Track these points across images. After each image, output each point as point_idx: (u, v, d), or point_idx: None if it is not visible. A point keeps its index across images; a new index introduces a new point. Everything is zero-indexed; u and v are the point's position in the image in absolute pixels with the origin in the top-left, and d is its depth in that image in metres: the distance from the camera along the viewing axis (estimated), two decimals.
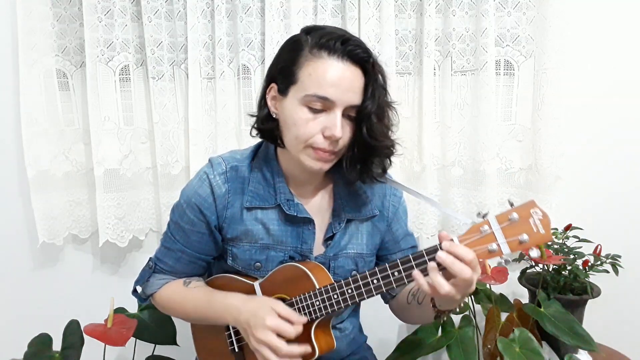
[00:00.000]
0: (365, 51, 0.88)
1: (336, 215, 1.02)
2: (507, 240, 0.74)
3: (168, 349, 1.39)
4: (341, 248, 1.02)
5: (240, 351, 1.03)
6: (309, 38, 0.89)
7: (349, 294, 0.89)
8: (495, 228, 0.75)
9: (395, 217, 1.08)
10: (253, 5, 1.49)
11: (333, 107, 0.87)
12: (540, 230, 0.73)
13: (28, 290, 1.67)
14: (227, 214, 0.98)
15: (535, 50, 1.49)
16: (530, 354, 1.15)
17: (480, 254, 0.76)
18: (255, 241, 0.99)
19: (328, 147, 0.89)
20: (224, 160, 0.99)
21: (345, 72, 0.86)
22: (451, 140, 1.54)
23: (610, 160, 1.55)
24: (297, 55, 0.88)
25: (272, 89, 0.93)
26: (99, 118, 1.50)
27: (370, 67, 0.88)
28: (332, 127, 0.86)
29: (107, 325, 1.20)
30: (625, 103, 1.52)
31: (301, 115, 0.88)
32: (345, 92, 0.86)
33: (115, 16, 1.47)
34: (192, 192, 0.98)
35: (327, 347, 0.95)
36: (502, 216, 0.75)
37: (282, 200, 0.97)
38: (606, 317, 1.51)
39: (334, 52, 0.86)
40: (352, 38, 0.88)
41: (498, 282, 1.24)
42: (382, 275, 0.86)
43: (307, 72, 0.87)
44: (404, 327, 1.70)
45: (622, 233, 1.55)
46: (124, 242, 1.58)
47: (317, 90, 0.86)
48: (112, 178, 1.54)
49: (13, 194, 1.60)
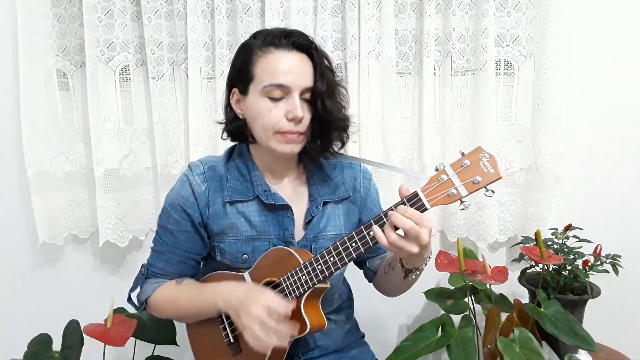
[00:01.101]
0: (307, 39, 0.98)
1: (313, 200, 1.08)
2: (462, 183, 0.83)
3: (168, 349, 1.39)
4: (320, 230, 1.07)
5: (235, 342, 1.04)
6: (256, 40, 0.99)
7: (331, 261, 0.93)
8: (451, 174, 0.84)
9: (368, 196, 1.15)
10: (253, 5, 1.49)
11: (290, 92, 0.96)
12: (490, 170, 0.82)
13: (28, 290, 1.67)
14: (209, 211, 1.03)
15: (535, 50, 1.49)
16: (530, 354, 1.15)
17: (442, 199, 0.84)
18: (240, 234, 1.04)
19: (294, 129, 0.97)
20: (201, 162, 1.07)
21: (294, 59, 0.96)
22: (451, 140, 1.54)
23: (610, 160, 1.55)
24: (250, 56, 0.98)
25: (235, 93, 1.03)
26: (99, 118, 1.50)
27: (315, 52, 0.99)
28: (293, 109, 0.95)
29: (107, 325, 1.20)
30: (625, 103, 1.52)
31: (263, 105, 0.96)
32: (298, 77, 0.96)
33: (115, 16, 1.47)
34: (175, 195, 1.05)
35: (318, 323, 0.98)
36: (456, 164, 0.84)
37: (260, 191, 1.04)
38: (606, 317, 1.51)
39: (279, 45, 0.96)
40: (293, 31, 0.98)
41: (498, 282, 1.24)
42: (359, 237, 0.91)
43: (261, 67, 0.96)
44: (404, 327, 1.71)
45: (622, 233, 1.55)
46: (124, 242, 1.58)
47: (272, 80, 0.95)
48: (112, 178, 1.54)
49: (13, 194, 1.60)
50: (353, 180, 1.13)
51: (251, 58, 0.98)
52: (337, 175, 1.12)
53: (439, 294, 1.42)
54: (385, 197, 1.51)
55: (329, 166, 1.11)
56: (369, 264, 1.18)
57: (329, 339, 1.13)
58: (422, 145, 1.53)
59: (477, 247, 1.59)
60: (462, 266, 1.27)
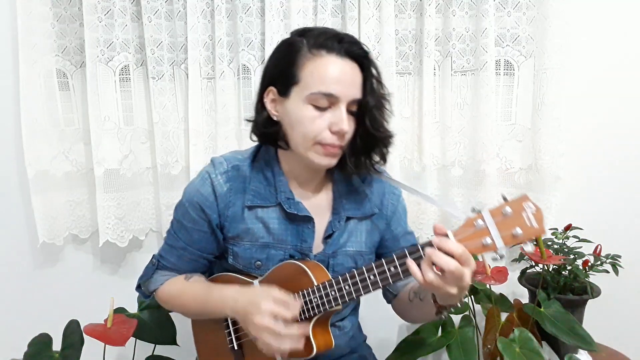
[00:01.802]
0: (361, 47, 0.92)
1: (336, 214, 1.03)
2: (500, 234, 0.75)
3: (168, 349, 1.39)
4: (340, 246, 1.03)
5: (239, 349, 1.03)
6: (304, 39, 0.91)
7: (346, 290, 0.89)
8: (489, 222, 0.75)
9: (394, 215, 1.09)
10: (253, 5, 1.49)
11: (338, 103, 0.89)
12: (534, 224, 0.74)
13: (28, 290, 1.67)
14: (228, 213, 0.99)
15: (535, 50, 1.49)
16: (530, 354, 1.15)
17: (474, 248, 0.76)
18: (256, 240, 1.00)
19: (336, 142, 0.91)
20: (225, 160, 1.01)
21: (346, 67, 0.89)
22: (451, 140, 1.54)
23: (610, 160, 1.55)
24: (296, 57, 0.90)
25: (271, 92, 0.95)
26: (99, 118, 1.50)
27: (367, 62, 0.92)
28: (340, 122, 0.89)
29: (107, 325, 1.20)
30: (625, 103, 1.52)
31: (307, 113, 0.90)
32: (348, 87, 0.89)
33: (115, 16, 1.47)
34: (194, 191, 1.00)
35: (325, 346, 0.96)
36: (496, 210, 0.76)
37: (283, 198, 0.99)
38: (606, 317, 1.51)
39: (332, 49, 0.89)
40: (346, 36, 0.91)
41: (498, 282, 1.24)
42: (378, 271, 0.86)
43: (309, 71, 0.89)
44: (404, 327, 1.70)
45: (622, 233, 1.55)
46: (124, 242, 1.58)
47: (322, 88, 0.88)
48: (112, 178, 1.54)
49: (13, 194, 1.60)
50: (381, 196, 1.07)
51: (298, 59, 0.90)
52: (365, 189, 1.05)
53: None
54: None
55: (357, 179, 1.05)
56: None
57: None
58: (422, 145, 1.53)
59: None
60: None
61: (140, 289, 1.12)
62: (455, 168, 1.55)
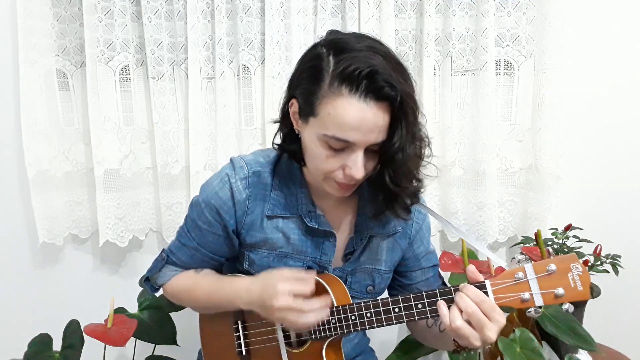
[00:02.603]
0: (393, 88, 0.76)
1: (358, 231, 0.98)
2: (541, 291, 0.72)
3: (168, 349, 1.39)
4: (360, 263, 1.00)
5: (247, 355, 1.02)
6: (332, 62, 0.78)
7: (367, 317, 0.87)
8: (530, 277, 0.72)
9: (418, 234, 1.04)
10: (253, 5, 1.49)
11: (354, 148, 0.80)
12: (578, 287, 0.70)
13: (28, 290, 1.67)
14: (246, 220, 0.95)
15: (535, 50, 1.49)
16: (530, 354, 1.15)
17: (512, 301, 0.73)
18: (275, 249, 0.97)
19: (349, 182, 0.85)
20: (246, 164, 0.95)
21: (368, 113, 0.77)
22: (451, 140, 1.54)
23: (610, 160, 1.55)
24: (317, 87, 0.79)
25: (293, 105, 0.87)
26: (99, 118, 1.50)
27: (398, 104, 0.77)
28: (353, 167, 0.81)
29: (107, 325, 1.20)
30: (625, 103, 1.52)
31: (320, 151, 0.82)
32: (367, 134, 0.78)
33: (115, 16, 1.47)
34: (212, 193, 0.95)
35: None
36: (540, 265, 0.72)
37: (304, 211, 0.95)
38: (606, 317, 1.51)
39: (356, 89, 0.76)
40: (379, 70, 0.76)
41: None
42: (404, 305, 0.83)
43: (327, 111, 0.78)
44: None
45: (622, 233, 1.55)
46: (124, 242, 1.58)
47: (337, 133, 0.79)
48: (112, 178, 1.54)
49: (13, 194, 1.60)
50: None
51: (318, 90, 0.79)
52: None
53: None
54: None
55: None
56: None
57: None
58: None
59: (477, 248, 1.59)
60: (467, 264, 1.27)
61: (148, 282, 1.09)
62: (455, 168, 1.55)
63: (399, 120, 0.78)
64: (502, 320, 0.72)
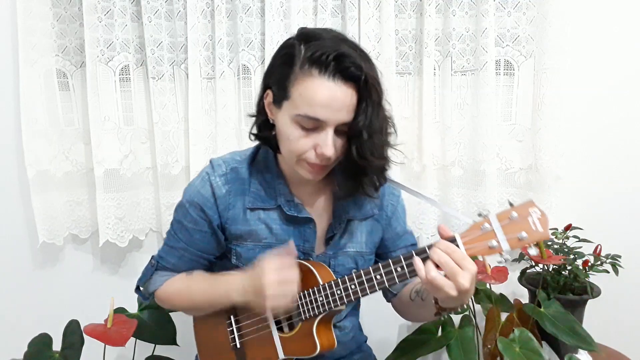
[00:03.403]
0: (359, 68, 0.84)
1: (336, 216, 1.03)
2: (506, 237, 0.77)
3: (168, 349, 1.39)
4: (341, 247, 1.04)
5: (241, 347, 1.03)
6: (302, 50, 0.86)
7: (352, 289, 0.90)
8: (495, 226, 0.78)
9: (394, 215, 1.10)
10: (253, 5, 1.49)
11: (324, 126, 0.87)
12: (539, 229, 0.76)
13: (28, 290, 1.67)
14: (228, 215, 1.00)
15: (535, 50, 1.49)
16: (530, 354, 1.15)
17: (480, 249, 0.79)
18: (259, 240, 1.01)
19: (320, 163, 0.90)
20: (224, 162, 1.01)
21: (337, 92, 0.84)
22: (451, 140, 1.54)
23: (610, 160, 1.55)
24: (290, 71, 0.86)
25: (268, 95, 0.93)
26: (99, 118, 1.50)
27: (363, 84, 0.85)
28: (324, 145, 0.87)
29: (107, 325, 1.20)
30: (625, 103, 1.52)
31: (293, 131, 0.88)
32: (336, 112, 0.85)
33: (115, 16, 1.47)
34: (195, 192, 1.00)
35: (328, 344, 0.97)
36: (502, 215, 0.78)
37: (282, 201, 0.99)
38: (606, 317, 1.51)
39: (324, 70, 0.83)
40: (345, 53, 0.83)
41: (498, 282, 1.24)
42: (385, 270, 0.87)
43: (298, 92, 0.85)
44: (404, 327, 1.70)
45: (622, 233, 1.55)
46: (124, 242, 1.58)
47: (308, 111, 0.85)
48: (112, 178, 1.54)
49: (13, 194, 1.60)
50: (381, 197, 1.07)
51: (291, 74, 0.86)
52: None
53: None
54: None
55: None
56: None
57: None
58: (422, 145, 1.53)
59: None
60: None
61: (139, 291, 1.11)
62: (455, 168, 1.55)
63: (365, 99, 0.85)
64: (473, 268, 0.77)
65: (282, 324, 1.02)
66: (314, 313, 0.94)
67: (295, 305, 0.93)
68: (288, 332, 1.00)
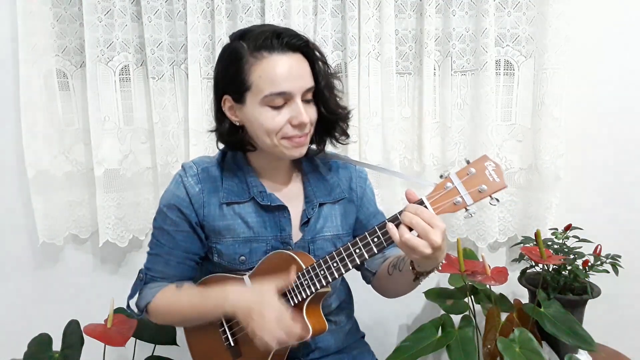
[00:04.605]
0: (299, 38, 0.93)
1: (309, 202, 1.07)
2: (468, 191, 0.82)
3: (168, 349, 1.40)
4: (317, 231, 1.07)
5: (235, 345, 1.04)
6: (244, 43, 0.93)
7: (334, 267, 0.93)
8: (456, 183, 0.83)
9: (364, 196, 1.14)
10: (253, 5, 1.49)
11: (292, 97, 0.92)
12: (496, 179, 0.81)
13: (28, 290, 1.67)
14: (204, 212, 1.02)
15: (535, 50, 1.49)
16: (530, 354, 1.15)
17: (447, 207, 0.83)
18: (237, 235, 1.03)
19: (300, 133, 0.95)
20: (195, 164, 1.05)
21: (290, 62, 0.92)
22: (451, 140, 1.54)
23: (610, 160, 1.55)
24: (241, 64, 0.92)
25: (227, 100, 0.98)
26: (99, 118, 1.50)
27: (307, 49, 0.94)
28: (298, 114, 0.92)
29: (107, 325, 1.20)
30: (625, 103, 1.52)
31: (265, 114, 0.93)
32: (297, 80, 0.92)
33: (115, 16, 1.47)
34: (170, 195, 1.04)
35: (319, 327, 0.98)
36: (461, 172, 0.83)
37: (255, 192, 1.03)
38: (606, 317, 1.51)
39: (272, 48, 0.91)
40: (282, 30, 0.93)
41: (498, 282, 1.24)
42: (363, 243, 0.90)
43: (257, 75, 0.91)
44: (404, 327, 1.71)
45: (622, 233, 1.55)
46: (124, 242, 1.58)
47: (272, 88, 0.90)
48: (112, 178, 1.54)
49: (13, 194, 1.60)
50: (349, 180, 1.12)
51: (243, 66, 0.92)
52: (333, 176, 1.11)
53: (439, 294, 1.42)
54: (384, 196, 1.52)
55: (324, 167, 1.11)
56: (367, 264, 1.14)
57: (330, 340, 1.12)
58: (422, 145, 1.53)
59: (477, 247, 1.59)
60: (462, 267, 1.27)
61: (130, 308, 1.10)
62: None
63: (315, 62, 0.96)
64: (442, 225, 0.82)
65: None
66: (302, 297, 0.96)
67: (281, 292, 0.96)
68: None
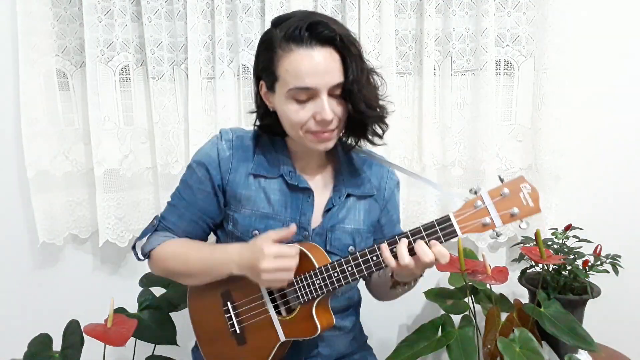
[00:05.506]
0: (330, 29, 0.89)
1: (337, 190, 1.06)
2: (499, 213, 0.79)
3: (168, 349, 1.39)
4: (339, 220, 1.05)
5: (241, 332, 1.04)
6: (278, 32, 0.92)
7: (349, 271, 0.92)
8: (487, 203, 0.80)
9: (390, 200, 1.14)
10: (253, 5, 1.49)
11: (317, 93, 0.91)
12: (530, 204, 0.78)
13: (28, 290, 1.67)
14: (229, 177, 1.03)
15: (535, 50, 1.49)
16: (530, 354, 1.15)
17: (474, 227, 0.81)
18: (257, 209, 1.03)
19: (323, 129, 0.94)
20: (232, 131, 1.06)
21: (317, 57, 0.89)
22: (451, 140, 1.54)
23: (610, 160, 1.55)
24: (272, 54, 0.92)
25: (262, 86, 0.99)
26: (99, 118, 1.50)
27: (340, 43, 0.89)
28: (322, 111, 0.91)
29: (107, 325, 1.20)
30: (625, 103, 1.52)
31: (290, 107, 0.93)
32: (323, 76, 0.89)
33: (115, 16, 1.47)
34: (203, 153, 1.05)
35: (327, 324, 0.98)
36: (494, 191, 0.80)
37: (285, 171, 1.03)
38: (606, 317, 1.51)
39: (300, 41, 0.89)
40: (315, 22, 0.89)
41: (498, 282, 1.24)
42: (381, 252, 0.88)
43: (284, 69, 0.90)
44: (404, 327, 1.71)
45: (622, 233, 1.55)
46: (124, 242, 1.58)
47: (297, 83, 0.90)
48: (112, 178, 1.54)
49: (13, 194, 1.60)
50: (379, 179, 1.11)
51: (273, 57, 0.92)
52: (366, 170, 1.10)
53: (439, 294, 1.42)
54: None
55: (360, 161, 1.10)
56: None
57: (333, 346, 1.11)
58: (422, 145, 1.53)
59: (477, 247, 1.59)
60: (463, 266, 1.27)
61: (135, 250, 1.09)
62: (455, 168, 1.55)
63: (347, 56, 0.90)
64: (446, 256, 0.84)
65: (280, 308, 1.02)
66: (312, 296, 0.95)
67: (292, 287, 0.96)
68: (286, 315, 1.00)
